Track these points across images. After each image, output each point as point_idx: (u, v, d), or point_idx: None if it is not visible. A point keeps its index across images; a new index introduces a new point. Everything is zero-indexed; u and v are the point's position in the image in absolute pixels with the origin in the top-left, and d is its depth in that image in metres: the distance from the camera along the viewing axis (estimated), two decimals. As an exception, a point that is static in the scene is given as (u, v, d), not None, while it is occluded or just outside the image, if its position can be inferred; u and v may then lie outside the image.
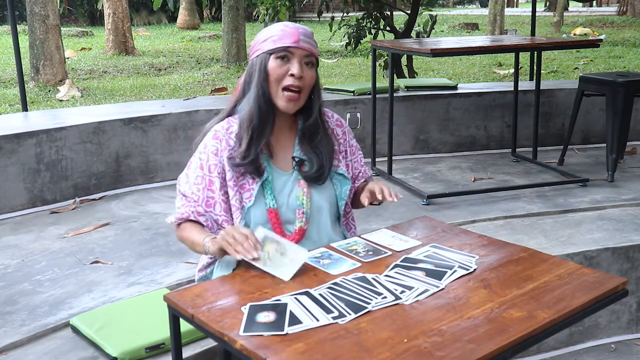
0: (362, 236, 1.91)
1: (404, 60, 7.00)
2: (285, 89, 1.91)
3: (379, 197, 1.91)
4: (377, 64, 5.81)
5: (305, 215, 1.95)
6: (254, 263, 1.67)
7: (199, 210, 1.93)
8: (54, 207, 3.73)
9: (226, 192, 1.93)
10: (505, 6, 17.60)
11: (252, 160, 1.91)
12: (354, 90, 4.76)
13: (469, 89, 5.20)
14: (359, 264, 1.70)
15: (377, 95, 4.45)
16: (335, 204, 2.05)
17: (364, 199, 1.94)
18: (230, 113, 2.04)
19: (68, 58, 10.90)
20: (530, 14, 6.04)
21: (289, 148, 2.01)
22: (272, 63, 1.91)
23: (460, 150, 4.92)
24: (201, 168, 1.95)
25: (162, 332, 2.19)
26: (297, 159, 1.98)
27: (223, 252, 1.75)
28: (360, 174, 2.15)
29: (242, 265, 1.78)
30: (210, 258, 2.02)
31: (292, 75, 1.89)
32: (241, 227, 1.75)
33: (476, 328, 1.38)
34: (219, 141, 1.96)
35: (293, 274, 1.63)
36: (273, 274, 1.63)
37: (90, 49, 13.47)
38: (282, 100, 1.92)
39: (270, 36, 1.92)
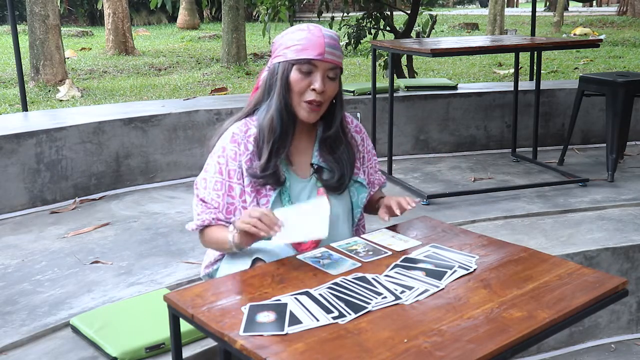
0: (362, 236, 1.91)
1: (404, 60, 7.00)
2: (307, 102, 1.87)
3: (397, 212, 1.89)
4: (377, 64, 5.82)
5: None
6: (282, 240, 1.66)
7: (219, 217, 1.90)
8: (54, 207, 3.73)
9: (245, 199, 1.91)
10: (505, 6, 17.60)
11: (272, 173, 1.88)
12: (354, 90, 4.76)
13: (469, 89, 5.20)
14: (359, 264, 1.70)
15: (377, 95, 4.45)
16: (350, 212, 2.04)
17: (383, 215, 1.93)
18: (249, 114, 1.99)
19: (68, 58, 10.90)
20: (530, 14, 6.04)
21: (307, 154, 1.98)
22: (295, 75, 1.86)
23: (460, 150, 4.92)
24: (220, 173, 1.90)
25: (162, 332, 2.19)
26: (315, 166, 1.95)
27: (249, 238, 1.74)
28: (375, 181, 2.13)
29: (256, 263, 1.78)
30: (220, 255, 2.00)
31: (313, 89, 1.85)
32: (255, 209, 1.74)
33: (476, 328, 1.38)
34: (237, 145, 1.91)
35: (327, 227, 1.63)
36: (308, 239, 1.63)
37: (90, 49, 13.46)
38: (303, 111, 1.88)
39: (295, 44, 1.86)
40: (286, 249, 1.86)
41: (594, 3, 29.89)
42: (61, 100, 7.90)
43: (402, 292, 1.54)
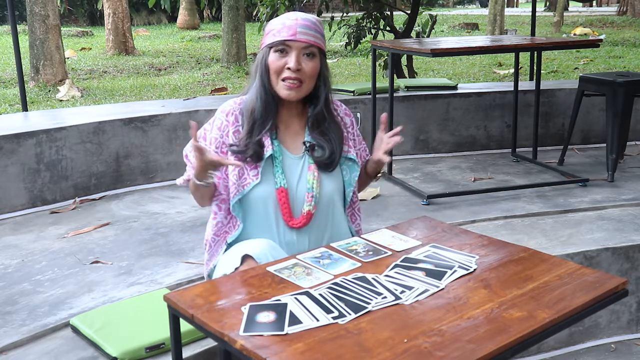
0: (362, 236, 1.92)
1: (404, 60, 7.00)
2: (284, 80, 1.96)
3: (385, 158, 2.02)
4: (377, 64, 5.81)
5: (314, 199, 1.99)
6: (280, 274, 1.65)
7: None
8: (54, 207, 3.73)
9: (227, 169, 2.00)
10: (505, 6, 17.59)
11: (250, 146, 1.96)
12: (354, 90, 4.76)
13: (469, 89, 5.20)
14: (359, 264, 1.70)
15: (377, 95, 4.45)
16: (342, 191, 2.09)
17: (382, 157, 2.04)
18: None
19: (68, 58, 10.89)
20: (530, 14, 6.04)
21: (300, 134, 2.06)
22: (272, 57, 1.98)
23: (460, 150, 4.92)
24: (204, 138, 2.03)
25: (162, 332, 2.19)
26: (308, 144, 2.03)
27: (201, 173, 1.88)
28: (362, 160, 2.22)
29: (245, 263, 1.80)
30: (215, 255, 2.05)
31: (289, 68, 1.95)
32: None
33: (476, 328, 1.38)
34: (226, 115, 2.03)
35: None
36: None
37: (90, 49, 13.46)
38: (282, 90, 1.98)
39: (271, 30, 1.99)
40: (277, 247, 1.89)
41: (594, 3, 29.88)
42: (61, 100, 7.90)
43: (402, 292, 1.54)
